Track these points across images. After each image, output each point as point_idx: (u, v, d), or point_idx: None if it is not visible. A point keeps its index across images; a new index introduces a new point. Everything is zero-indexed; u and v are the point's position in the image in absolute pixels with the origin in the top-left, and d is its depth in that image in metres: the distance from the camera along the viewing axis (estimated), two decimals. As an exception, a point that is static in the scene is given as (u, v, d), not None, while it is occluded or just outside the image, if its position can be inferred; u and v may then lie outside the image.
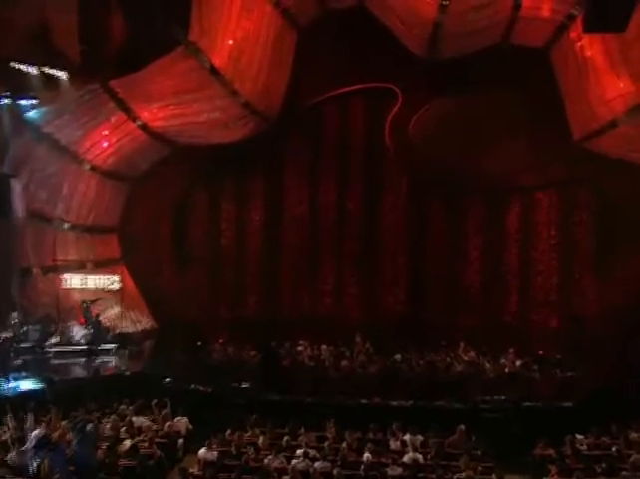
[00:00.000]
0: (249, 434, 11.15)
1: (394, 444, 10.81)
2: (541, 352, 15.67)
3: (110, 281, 17.19)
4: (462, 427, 11.12)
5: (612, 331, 15.62)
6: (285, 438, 10.67)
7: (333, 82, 17.91)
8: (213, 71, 14.55)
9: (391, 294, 18.51)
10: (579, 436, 10.90)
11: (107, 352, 15.89)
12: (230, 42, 14.78)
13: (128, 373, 14.65)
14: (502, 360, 15.07)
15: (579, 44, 14.29)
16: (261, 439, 10.89)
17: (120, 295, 17.34)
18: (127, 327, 17.26)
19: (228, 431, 11.06)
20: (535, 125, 16.70)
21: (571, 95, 15.43)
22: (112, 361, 15.60)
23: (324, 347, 15.93)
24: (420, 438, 10.98)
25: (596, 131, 14.90)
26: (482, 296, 18.10)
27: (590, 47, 13.95)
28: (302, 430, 11.17)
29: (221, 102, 15.83)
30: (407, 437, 10.91)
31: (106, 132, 15.87)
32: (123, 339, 16.51)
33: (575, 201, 17.51)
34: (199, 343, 16.37)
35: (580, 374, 14.14)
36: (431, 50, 15.99)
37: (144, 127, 16.03)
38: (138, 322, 17.71)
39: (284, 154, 18.95)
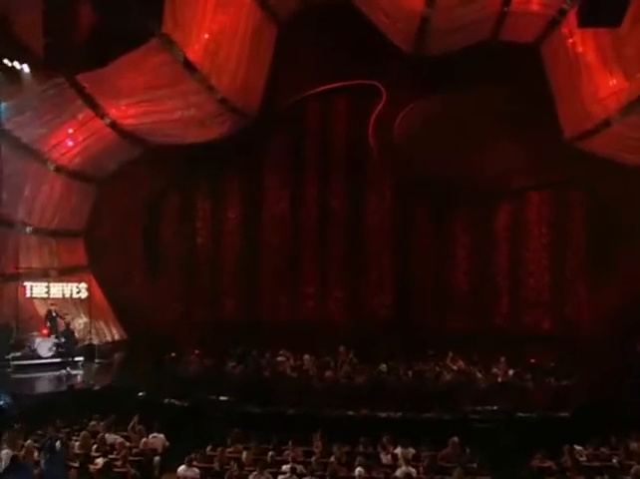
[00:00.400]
0: (231, 449, 10.96)
1: (385, 458, 10.72)
2: (533, 361, 15.78)
3: (76, 290, 16.83)
4: (455, 439, 11.07)
5: (607, 332, 15.80)
6: (270, 453, 10.50)
7: (315, 78, 17.90)
8: (188, 66, 14.37)
9: (376, 297, 18.57)
10: (578, 447, 10.91)
11: (74, 365, 15.57)
12: (206, 36, 14.66)
13: (97, 387, 14.33)
14: (494, 369, 15.12)
15: (571, 40, 14.46)
16: (244, 454, 10.72)
17: (87, 304, 17.04)
18: (95, 338, 16.94)
19: (209, 447, 10.90)
20: (525, 124, 16.85)
21: (563, 93, 15.60)
22: (79, 375, 15.27)
23: (307, 357, 15.85)
24: (412, 451, 10.91)
25: (589, 130, 15.07)
26: (472, 298, 18.29)
27: (582, 43, 14.13)
28: (288, 444, 11.01)
29: (197, 99, 15.66)
30: (398, 450, 10.82)
31: (72, 130, 15.58)
32: (91, 351, 16.20)
33: (567, 199, 17.72)
34: (173, 354, 16.14)
35: (575, 383, 14.24)
36: (417, 46, 16.06)
37: (113, 125, 15.78)
38: (106, 333, 17.39)
39: (264, 152, 18.87)
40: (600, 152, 15.46)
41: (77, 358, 15.72)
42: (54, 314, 15.91)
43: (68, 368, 15.25)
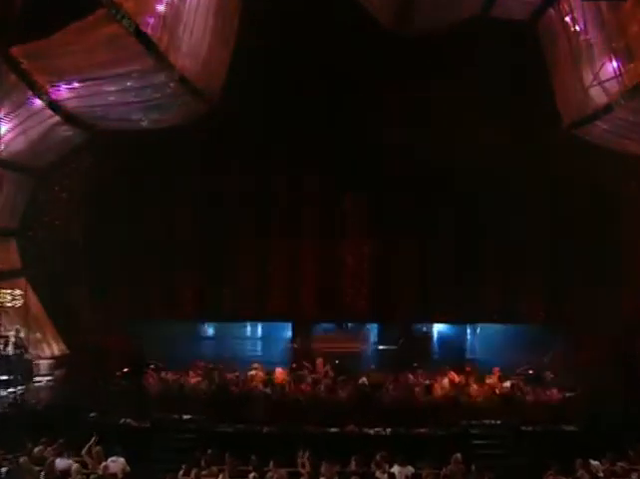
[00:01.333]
0: (206, 472, 10.70)
1: (382, 477, 10.63)
2: (531, 371, 15.95)
3: (9, 297, 16.23)
4: (458, 455, 11.09)
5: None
6: (252, 475, 10.31)
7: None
8: (143, 40, 14.05)
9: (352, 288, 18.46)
10: (593, 462, 11.01)
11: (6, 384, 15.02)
12: (162, 6, 14.40)
13: (40, 407, 13.85)
14: (489, 380, 15.24)
15: (570, 16, 14.67)
16: (221, 477, 10.49)
17: (23, 314, 16.45)
18: (33, 352, 16.37)
19: (181, 470, 10.62)
20: (519, 110, 17.05)
21: (560, 76, 15.83)
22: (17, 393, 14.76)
23: (279, 370, 15.68)
24: (411, 469, 10.91)
25: (588, 116, 15.29)
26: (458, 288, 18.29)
27: (582, 19, 14.33)
28: (269, 465, 10.83)
29: (153, 78, 15.32)
30: (396, 469, 10.78)
31: (4, 112, 15.05)
32: (28, 367, 15.63)
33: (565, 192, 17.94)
34: (125, 370, 15.76)
35: (579, 394, 14.45)
36: (401, 22, 16.06)
37: (54, 107, 15.35)
38: (46, 346, 16.82)
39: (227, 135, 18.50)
40: (601, 140, 15.72)
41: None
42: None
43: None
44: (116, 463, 11.16)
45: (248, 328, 20.91)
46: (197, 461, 11.00)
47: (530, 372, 16.00)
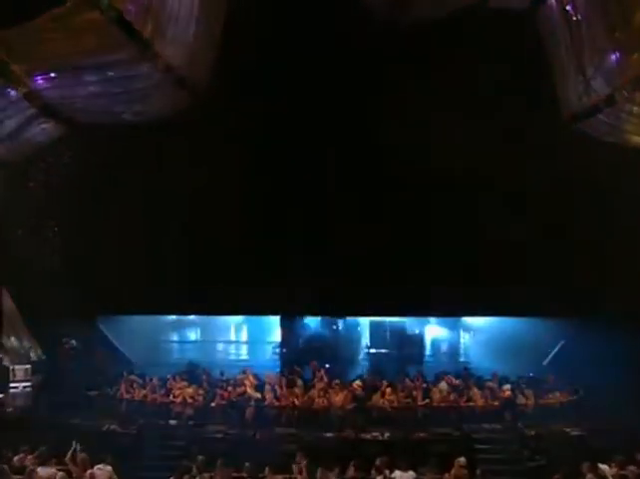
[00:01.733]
0: (198, 479, 10.66)
1: (383, 483, 10.65)
2: (531, 374, 16.05)
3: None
4: (462, 460, 11.10)
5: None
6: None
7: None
8: (125, 28, 13.99)
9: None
10: (602, 465, 11.07)
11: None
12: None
13: (17, 414, 13.73)
14: (488, 383, 15.29)
15: (571, 5, 14.76)
16: (215, 484, 10.46)
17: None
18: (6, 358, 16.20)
19: (173, 477, 10.54)
20: (517, 103, 17.10)
21: (561, 66, 15.90)
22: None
23: (270, 374, 15.66)
24: (412, 474, 10.92)
25: (590, 108, 15.39)
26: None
27: (584, 8, 14.43)
28: (265, 471, 10.81)
29: (136, 68, 15.24)
30: (397, 474, 10.82)
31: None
32: (3, 373, 15.47)
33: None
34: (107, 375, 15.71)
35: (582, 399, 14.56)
36: (394, 9, 16.09)
37: (31, 98, 15.19)
38: (21, 351, 16.63)
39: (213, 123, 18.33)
40: (603, 134, 15.81)
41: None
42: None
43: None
44: (102, 471, 11.10)
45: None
46: (188, 468, 10.94)
47: (531, 375, 16.05)
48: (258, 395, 14.73)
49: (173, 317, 21.56)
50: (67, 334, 17.53)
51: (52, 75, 14.98)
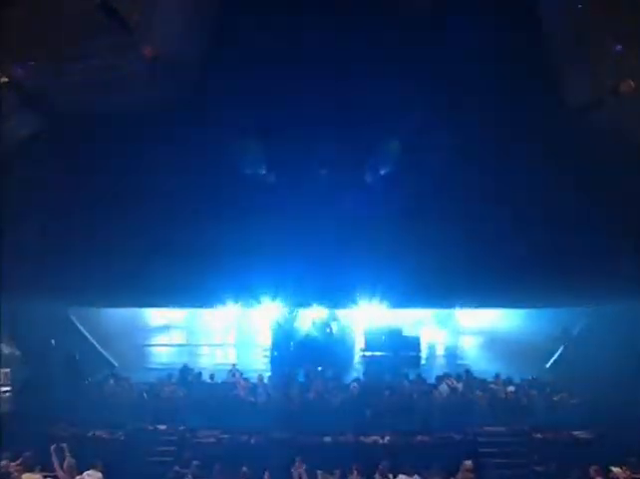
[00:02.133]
0: (193, 485, 10.60)
1: (385, 486, 10.64)
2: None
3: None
4: (468, 463, 11.12)
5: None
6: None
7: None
8: (110, 14, 13.89)
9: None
10: (614, 468, 11.11)
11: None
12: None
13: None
14: (491, 385, 15.32)
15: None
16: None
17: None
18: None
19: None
20: (519, 92, 17.09)
21: (568, 52, 15.87)
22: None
23: (264, 376, 15.63)
24: (417, 478, 10.86)
25: (598, 98, 15.39)
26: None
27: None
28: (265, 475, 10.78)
29: (122, 55, 15.17)
30: (401, 478, 10.76)
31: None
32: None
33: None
34: (89, 379, 15.57)
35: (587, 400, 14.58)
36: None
37: (14, 86, 15.04)
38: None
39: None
40: (610, 124, 15.83)
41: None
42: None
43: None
44: (91, 477, 11.00)
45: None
46: (181, 474, 10.88)
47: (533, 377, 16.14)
48: (252, 398, 14.70)
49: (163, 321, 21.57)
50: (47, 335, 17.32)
51: (30, 63, 14.89)
